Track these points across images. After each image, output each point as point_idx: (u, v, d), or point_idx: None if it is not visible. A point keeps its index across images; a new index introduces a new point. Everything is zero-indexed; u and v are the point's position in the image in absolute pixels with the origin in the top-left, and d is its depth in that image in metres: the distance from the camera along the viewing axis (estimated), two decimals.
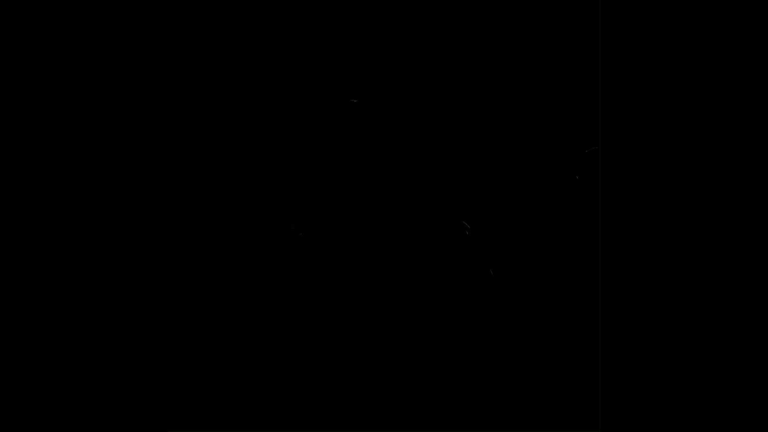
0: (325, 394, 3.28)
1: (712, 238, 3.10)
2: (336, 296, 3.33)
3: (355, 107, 3.41)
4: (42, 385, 3.12)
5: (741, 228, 3.09)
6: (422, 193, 3.39)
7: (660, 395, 3.07)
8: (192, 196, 3.36)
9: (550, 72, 3.41)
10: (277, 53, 3.44)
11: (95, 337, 3.15)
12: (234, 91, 3.42)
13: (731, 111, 3.13)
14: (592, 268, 3.31)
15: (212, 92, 3.41)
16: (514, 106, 3.41)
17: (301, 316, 3.32)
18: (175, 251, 3.31)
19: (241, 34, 3.43)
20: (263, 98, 3.43)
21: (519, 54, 3.42)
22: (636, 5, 3.17)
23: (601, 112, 3.18)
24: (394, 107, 3.42)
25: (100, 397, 3.13)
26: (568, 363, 3.27)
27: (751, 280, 3.07)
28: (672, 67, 3.16)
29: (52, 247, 3.16)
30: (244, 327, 3.31)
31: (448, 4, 3.43)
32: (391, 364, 3.29)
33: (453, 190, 3.39)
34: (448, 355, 3.29)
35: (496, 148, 3.40)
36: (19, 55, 3.21)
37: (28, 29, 3.21)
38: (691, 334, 3.08)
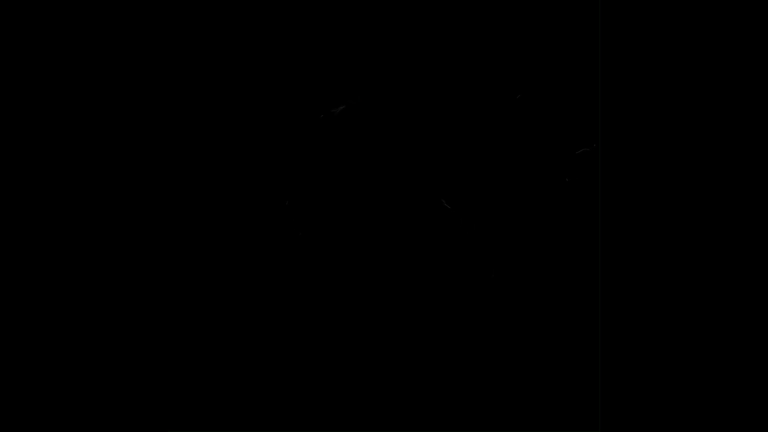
0: (325, 394, 3.28)
1: (711, 238, 3.10)
2: (336, 296, 3.33)
3: (354, 108, 3.41)
4: (42, 385, 3.13)
5: (740, 227, 3.09)
6: (421, 192, 3.39)
7: (660, 395, 3.08)
8: (192, 197, 3.36)
9: (549, 73, 3.41)
10: (275, 55, 3.44)
11: (95, 337, 3.15)
12: (233, 93, 3.42)
13: (731, 111, 3.13)
14: (592, 268, 3.31)
15: (211, 94, 3.41)
16: (512, 107, 3.41)
17: (301, 316, 3.32)
18: (175, 251, 3.31)
19: (239, 36, 3.43)
20: (261, 100, 3.43)
21: (518, 54, 3.42)
22: (636, 5, 3.17)
23: (601, 112, 3.18)
24: (390, 109, 3.42)
25: (100, 397, 3.14)
26: (568, 363, 3.27)
27: (751, 279, 3.07)
28: (672, 68, 3.16)
29: (51, 247, 3.17)
30: (244, 327, 3.31)
31: (445, 5, 3.43)
32: (391, 364, 3.29)
33: (452, 189, 3.39)
34: (448, 354, 3.29)
35: (495, 149, 3.40)
36: (19, 55, 3.21)
37: (28, 29, 3.21)
38: (691, 334, 3.08)
